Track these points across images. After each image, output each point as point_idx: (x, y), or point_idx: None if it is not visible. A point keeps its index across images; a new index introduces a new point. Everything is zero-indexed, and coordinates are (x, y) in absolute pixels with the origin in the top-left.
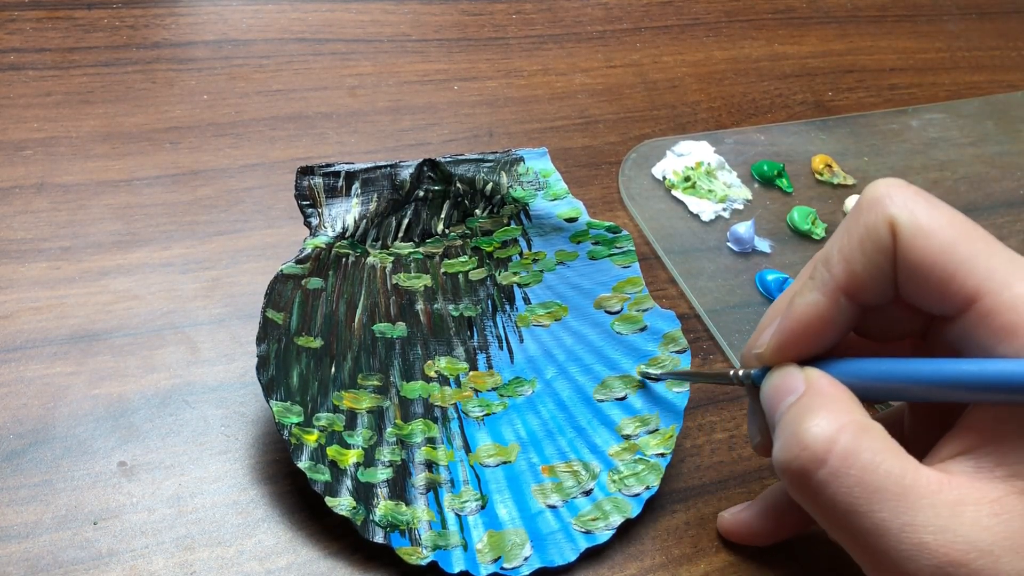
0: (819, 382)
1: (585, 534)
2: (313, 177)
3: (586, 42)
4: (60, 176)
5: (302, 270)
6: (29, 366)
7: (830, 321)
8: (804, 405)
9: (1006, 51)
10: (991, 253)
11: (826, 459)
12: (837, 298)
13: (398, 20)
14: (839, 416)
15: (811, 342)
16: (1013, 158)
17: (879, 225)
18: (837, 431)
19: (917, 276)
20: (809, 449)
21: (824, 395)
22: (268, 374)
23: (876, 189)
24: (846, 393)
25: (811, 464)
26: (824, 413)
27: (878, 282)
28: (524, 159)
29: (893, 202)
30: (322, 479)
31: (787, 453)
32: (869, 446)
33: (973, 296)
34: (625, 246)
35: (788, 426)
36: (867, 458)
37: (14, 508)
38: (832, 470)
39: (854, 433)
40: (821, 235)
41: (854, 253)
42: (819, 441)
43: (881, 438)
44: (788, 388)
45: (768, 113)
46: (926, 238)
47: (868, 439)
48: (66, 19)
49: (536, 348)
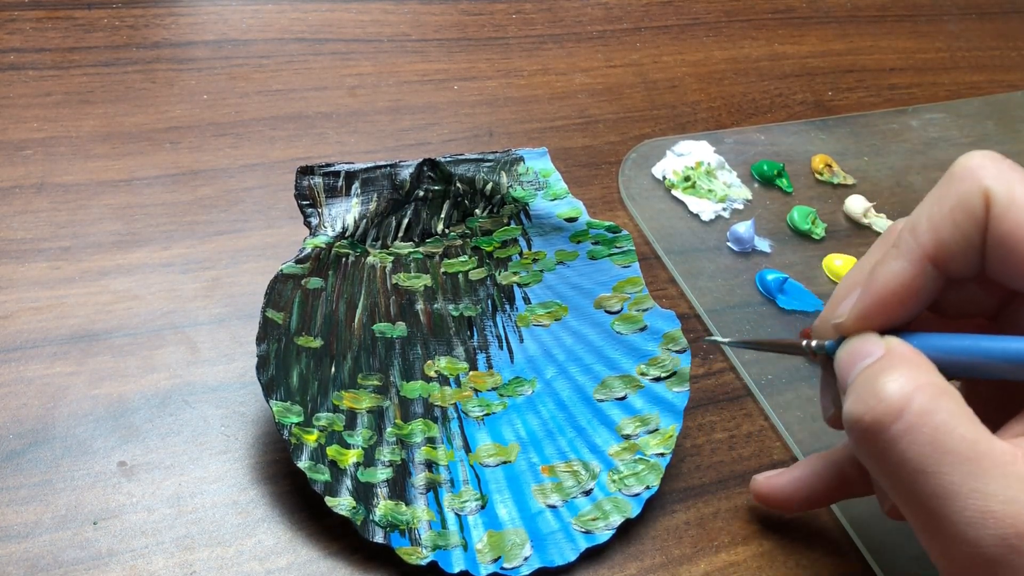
0: (898, 347)
1: (585, 534)
2: (313, 177)
3: (586, 42)
4: (60, 176)
5: (302, 270)
6: (29, 366)
7: (915, 290)
8: (881, 366)
9: (1006, 51)
10: None
11: (901, 413)
12: (924, 266)
13: (398, 20)
14: (918, 376)
15: (894, 311)
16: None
17: (972, 195)
18: (915, 389)
19: (1008, 250)
20: (885, 402)
21: (903, 357)
22: (268, 374)
23: (971, 159)
24: (925, 359)
25: (886, 417)
26: (902, 371)
27: (966, 253)
28: (524, 159)
29: (988, 173)
30: (322, 479)
31: (861, 405)
32: (946, 407)
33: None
34: (625, 246)
35: (864, 383)
36: (942, 419)
37: (14, 508)
38: (906, 426)
39: (932, 393)
40: (821, 235)
41: (944, 222)
42: (896, 395)
43: (958, 403)
44: (865, 352)
45: (768, 113)
46: (1020, 211)
47: (946, 401)
48: (66, 19)
49: (536, 348)
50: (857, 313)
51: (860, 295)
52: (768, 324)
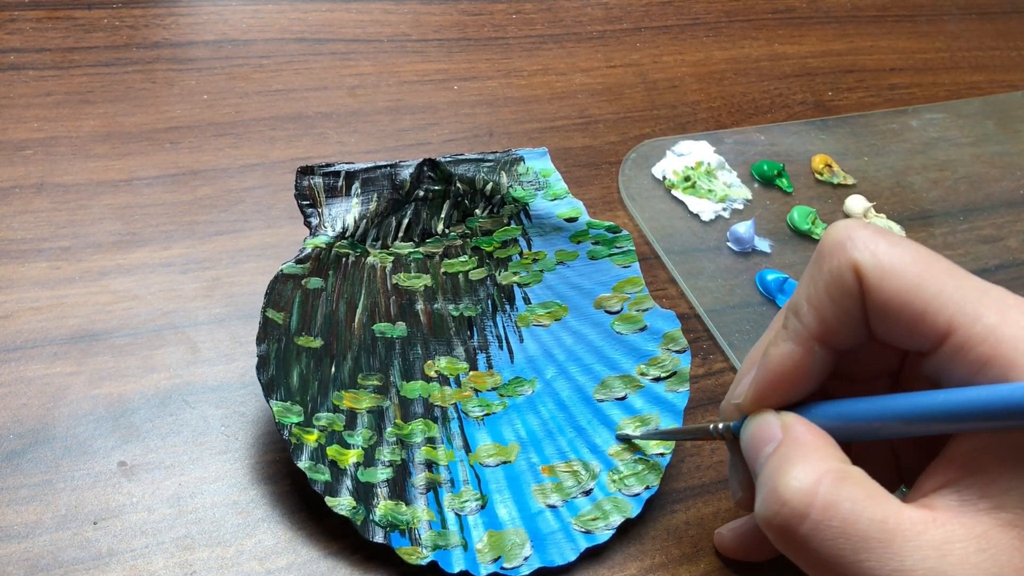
0: (796, 429)
1: (585, 534)
2: (313, 177)
3: (586, 42)
4: (60, 176)
5: (302, 270)
6: (29, 366)
7: (806, 369)
8: (782, 455)
9: (1006, 51)
10: (958, 285)
11: (807, 513)
12: (811, 346)
13: (398, 20)
14: (817, 466)
15: (789, 391)
16: (1013, 158)
17: (843, 270)
18: (815, 482)
19: (888, 316)
20: (789, 504)
21: (801, 443)
22: (268, 374)
23: (836, 233)
24: (824, 439)
25: (793, 519)
26: (801, 464)
27: (849, 327)
28: (524, 159)
29: (855, 245)
30: (322, 479)
31: (768, 509)
32: (849, 494)
33: (946, 331)
34: (625, 246)
35: (767, 480)
36: (848, 507)
37: (14, 508)
38: (814, 524)
39: (833, 482)
40: (821, 235)
41: (822, 301)
42: (799, 495)
43: (861, 483)
44: (766, 437)
45: (768, 113)
46: (892, 278)
47: (848, 487)
48: (66, 19)
49: (536, 348)
50: (752, 395)
51: (754, 377)
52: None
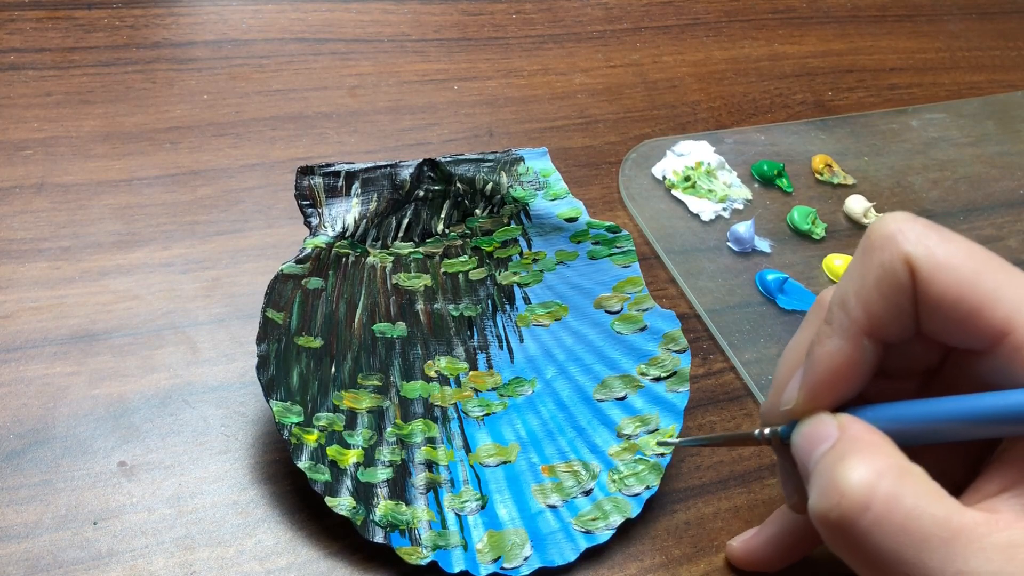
0: (853, 427)
1: (585, 534)
2: (313, 177)
3: (586, 42)
4: (60, 176)
5: (302, 270)
6: (29, 366)
7: (856, 365)
8: (839, 451)
9: (1006, 51)
10: (1017, 284)
11: (868, 505)
12: (860, 341)
13: (398, 20)
14: (877, 460)
15: (841, 389)
16: (1013, 158)
17: (895, 263)
18: (877, 476)
19: (941, 312)
20: (849, 496)
21: (860, 440)
22: (268, 374)
23: (886, 226)
24: (882, 437)
25: (852, 512)
26: (862, 458)
27: (900, 321)
28: (524, 159)
29: (907, 238)
30: (322, 479)
31: (826, 501)
32: (912, 490)
33: (1003, 329)
34: (625, 246)
35: (824, 474)
36: (910, 503)
37: (14, 508)
38: (875, 517)
39: (895, 477)
40: (821, 235)
41: (871, 294)
42: (859, 487)
43: (923, 481)
44: (821, 436)
45: (768, 113)
46: (947, 272)
47: (911, 483)
48: (66, 19)
49: (536, 348)
50: (805, 397)
51: (804, 378)
52: (768, 324)
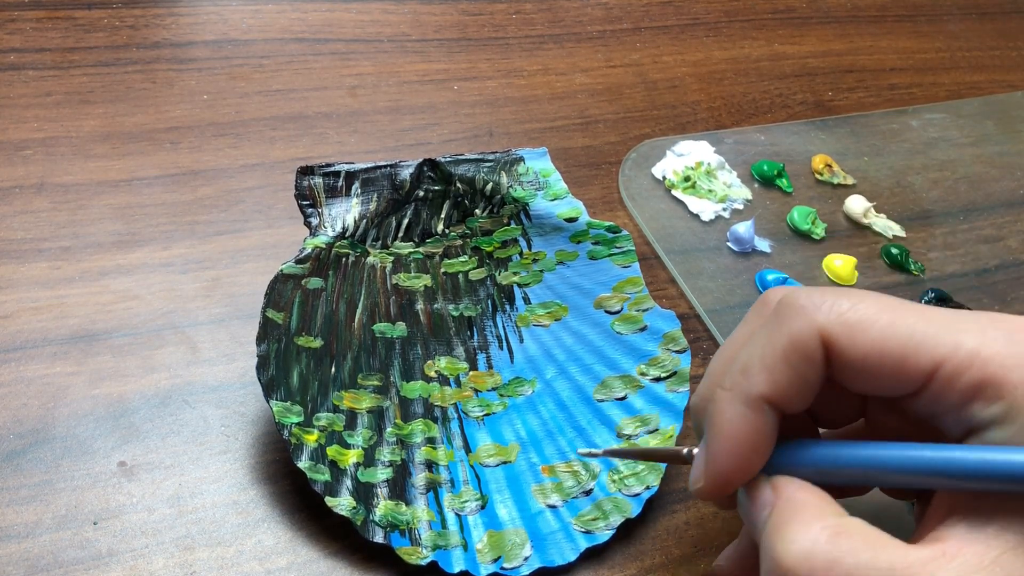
0: (787, 489)
1: (585, 534)
2: (313, 177)
3: (586, 42)
4: (60, 176)
5: (302, 270)
6: (29, 366)
7: (760, 431)
8: (776, 521)
9: (1006, 51)
10: (928, 320)
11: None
12: (762, 407)
13: (398, 20)
14: (811, 525)
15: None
16: (1013, 158)
17: (805, 335)
18: (812, 542)
19: (868, 370)
20: (792, 571)
21: (793, 502)
22: (268, 374)
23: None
24: (817, 495)
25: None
26: (796, 525)
27: (801, 392)
28: (524, 159)
29: (818, 309)
30: (322, 479)
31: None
32: (849, 547)
33: (930, 367)
34: (625, 246)
35: (767, 548)
36: (850, 562)
37: (14, 508)
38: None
39: (829, 539)
40: (821, 235)
41: (777, 364)
42: (798, 559)
43: (861, 533)
44: (760, 502)
45: (768, 113)
46: (863, 332)
47: (846, 540)
48: (66, 19)
49: (536, 348)
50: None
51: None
52: None
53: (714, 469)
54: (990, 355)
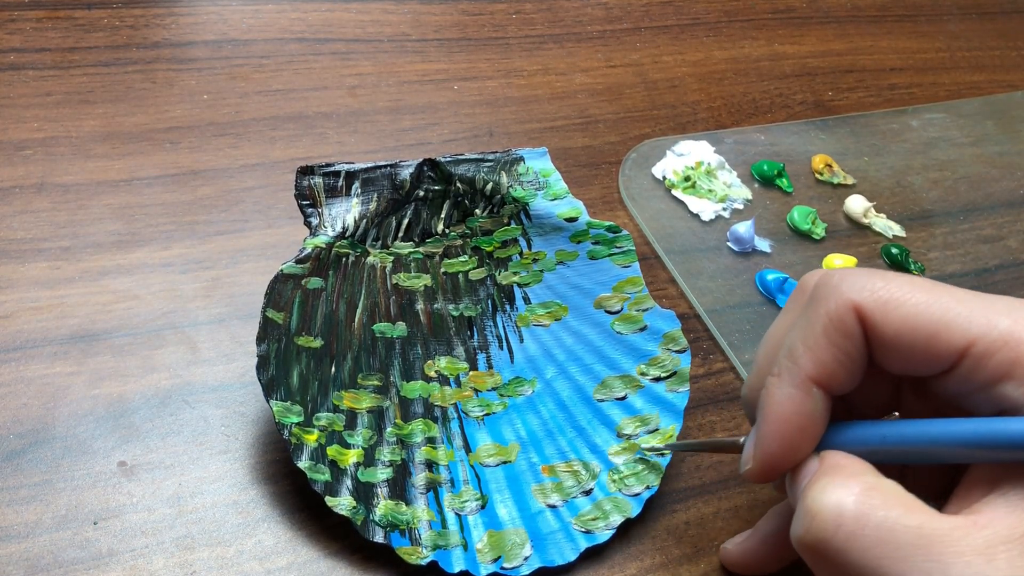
0: (832, 456)
1: (585, 534)
2: (313, 177)
3: (586, 42)
4: (60, 176)
5: (302, 270)
6: (29, 366)
7: (808, 415)
8: (815, 479)
9: (1006, 51)
10: (963, 300)
11: (839, 523)
12: (810, 388)
13: (398, 20)
14: (848, 481)
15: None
16: (1013, 158)
17: (842, 312)
18: (846, 493)
19: (900, 347)
20: (819, 516)
21: (835, 466)
22: (268, 374)
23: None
24: (859, 461)
25: (825, 532)
26: (832, 480)
27: (847, 369)
28: (524, 159)
29: (852, 287)
30: (322, 479)
31: (800, 526)
32: (881, 503)
33: (962, 346)
34: (625, 246)
35: (801, 504)
36: (881, 515)
37: (14, 508)
38: (847, 534)
39: (863, 492)
40: (821, 235)
41: (819, 343)
42: (828, 507)
43: (896, 495)
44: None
45: (768, 113)
46: (897, 309)
47: (878, 496)
48: (66, 19)
49: (536, 348)
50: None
51: (758, 435)
52: (768, 324)
53: (763, 451)
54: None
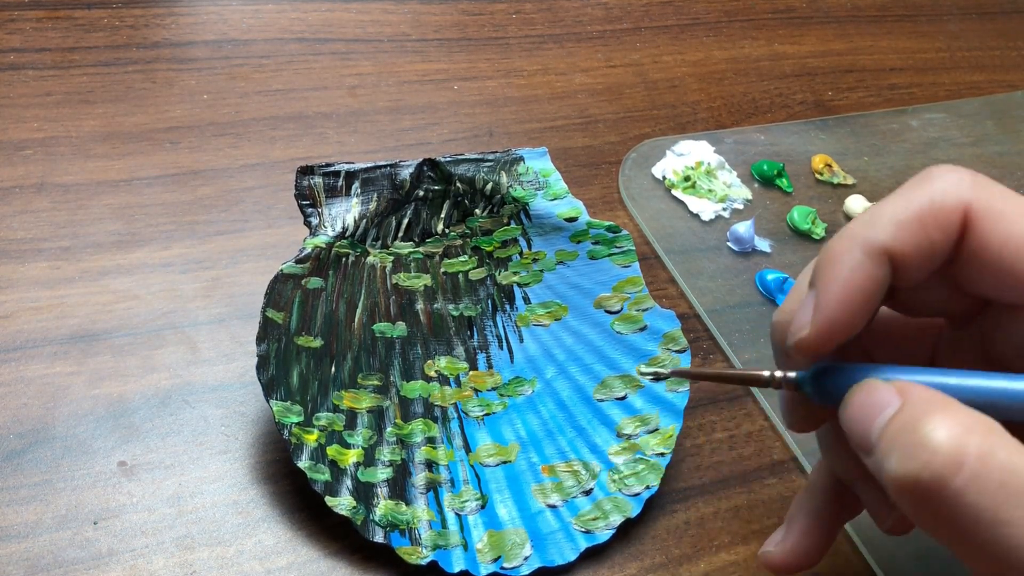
0: (916, 390)
1: (585, 534)
2: (313, 177)
3: (586, 42)
4: (60, 176)
5: (302, 270)
6: (29, 366)
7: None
8: (913, 414)
9: (1006, 51)
10: None
11: (962, 462)
12: (884, 260)
13: (398, 20)
14: (962, 415)
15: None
16: (1013, 158)
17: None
18: (967, 432)
19: (996, 265)
20: (940, 454)
21: (933, 400)
22: (268, 374)
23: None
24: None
25: (946, 471)
26: (945, 415)
27: (923, 260)
28: (524, 159)
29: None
30: (322, 479)
31: (913, 463)
32: (1004, 444)
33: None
34: (625, 246)
35: (902, 436)
36: (1005, 458)
37: (14, 508)
38: (971, 475)
39: (984, 432)
40: (821, 235)
41: (910, 220)
42: (950, 443)
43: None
44: (880, 404)
45: (768, 113)
46: (1008, 224)
47: (1001, 437)
48: (66, 19)
49: (536, 348)
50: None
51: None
52: (768, 324)
53: (823, 315)
54: None
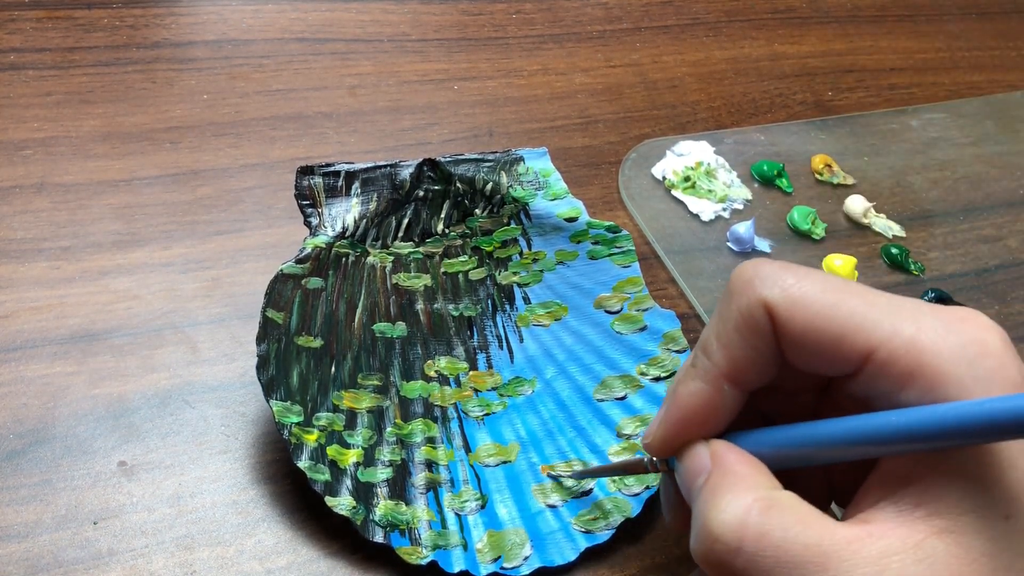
0: (726, 458)
1: (585, 534)
2: (313, 177)
3: (586, 42)
4: (60, 176)
5: (302, 270)
6: (29, 366)
7: (715, 408)
8: (712, 486)
9: (1006, 51)
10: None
11: (740, 546)
12: (720, 385)
13: (398, 20)
14: (745, 496)
15: (697, 430)
16: (1013, 158)
17: (752, 308)
18: (745, 513)
19: (805, 347)
20: (721, 539)
21: (730, 472)
22: (268, 374)
23: (743, 272)
24: (754, 466)
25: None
26: (730, 495)
27: (759, 365)
28: (524, 159)
29: (763, 283)
30: (322, 479)
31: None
32: (779, 522)
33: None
34: (625, 246)
35: (699, 515)
36: (779, 535)
37: (14, 508)
38: (748, 557)
39: (761, 511)
40: (821, 235)
41: (732, 338)
42: (729, 528)
43: (792, 508)
44: (697, 468)
45: (768, 113)
46: (803, 308)
47: (777, 514)
48: (66, 19)
49: (536, 348)
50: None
51: (663, 417)
52: None
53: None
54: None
